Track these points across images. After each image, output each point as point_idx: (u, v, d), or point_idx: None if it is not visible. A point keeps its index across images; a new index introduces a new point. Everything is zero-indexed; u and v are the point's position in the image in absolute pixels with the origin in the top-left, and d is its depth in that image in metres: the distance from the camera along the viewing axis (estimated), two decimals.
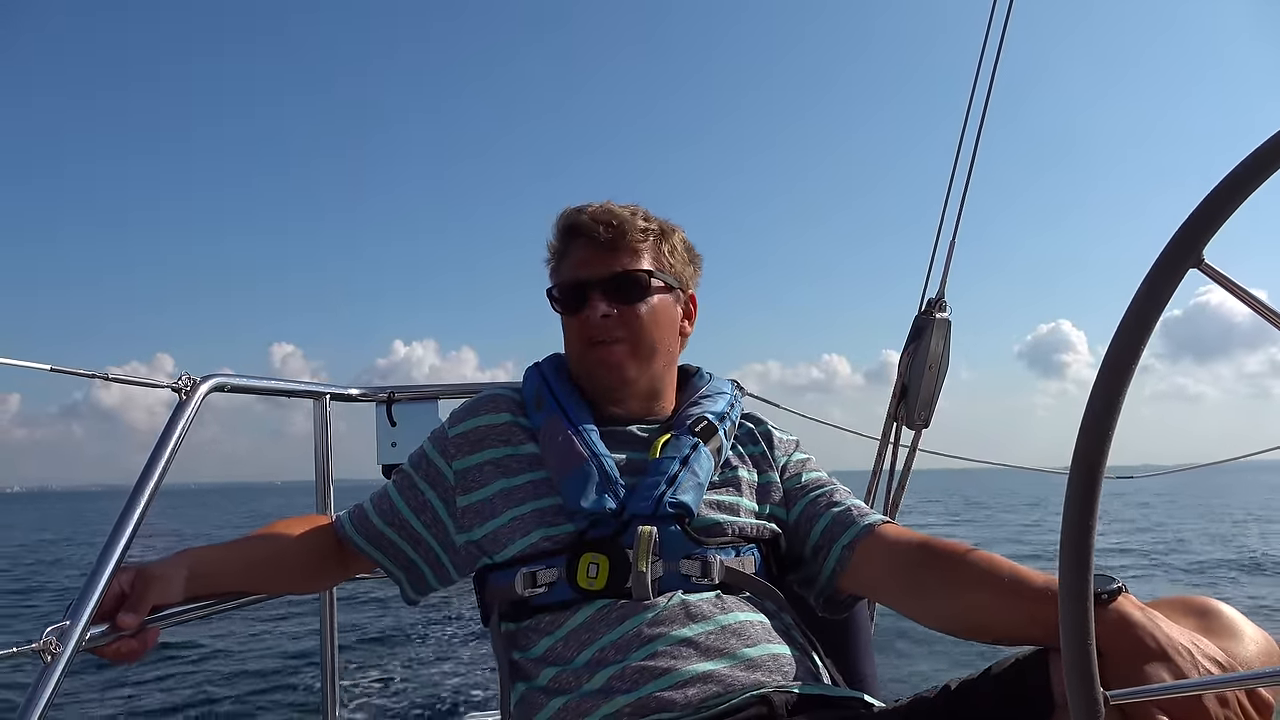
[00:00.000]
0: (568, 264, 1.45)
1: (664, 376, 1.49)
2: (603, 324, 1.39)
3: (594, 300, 1.40)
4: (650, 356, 1.44)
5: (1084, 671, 0.61)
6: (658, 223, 1.46)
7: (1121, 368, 0.59)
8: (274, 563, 1.44)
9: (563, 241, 1.47)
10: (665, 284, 1.45)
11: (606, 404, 1.46)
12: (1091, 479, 0.59)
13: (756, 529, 1.38)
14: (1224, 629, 0.99)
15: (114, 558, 1.13)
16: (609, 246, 1.42)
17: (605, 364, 1.41)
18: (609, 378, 1.42)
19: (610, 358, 1.41)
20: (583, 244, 1.43)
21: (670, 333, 1.46)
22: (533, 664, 1.27)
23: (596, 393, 1.46)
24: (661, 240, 1.46)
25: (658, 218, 1.47)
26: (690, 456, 1.35)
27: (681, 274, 1.49)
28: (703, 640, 1.21)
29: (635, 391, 1.45)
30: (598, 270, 1.41)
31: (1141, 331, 0.59)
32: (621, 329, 1.40)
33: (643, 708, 1.15)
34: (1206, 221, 0.58)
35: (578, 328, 1.42)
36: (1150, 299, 0.59)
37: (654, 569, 1.25)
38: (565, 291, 1.43)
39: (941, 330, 2.24)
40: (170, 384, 1.38)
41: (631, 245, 1.42)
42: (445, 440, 1.47)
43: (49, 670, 1.00)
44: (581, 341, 1.42)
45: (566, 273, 1.44)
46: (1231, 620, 1.00)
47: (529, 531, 1.32)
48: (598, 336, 1.40)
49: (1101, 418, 0.59)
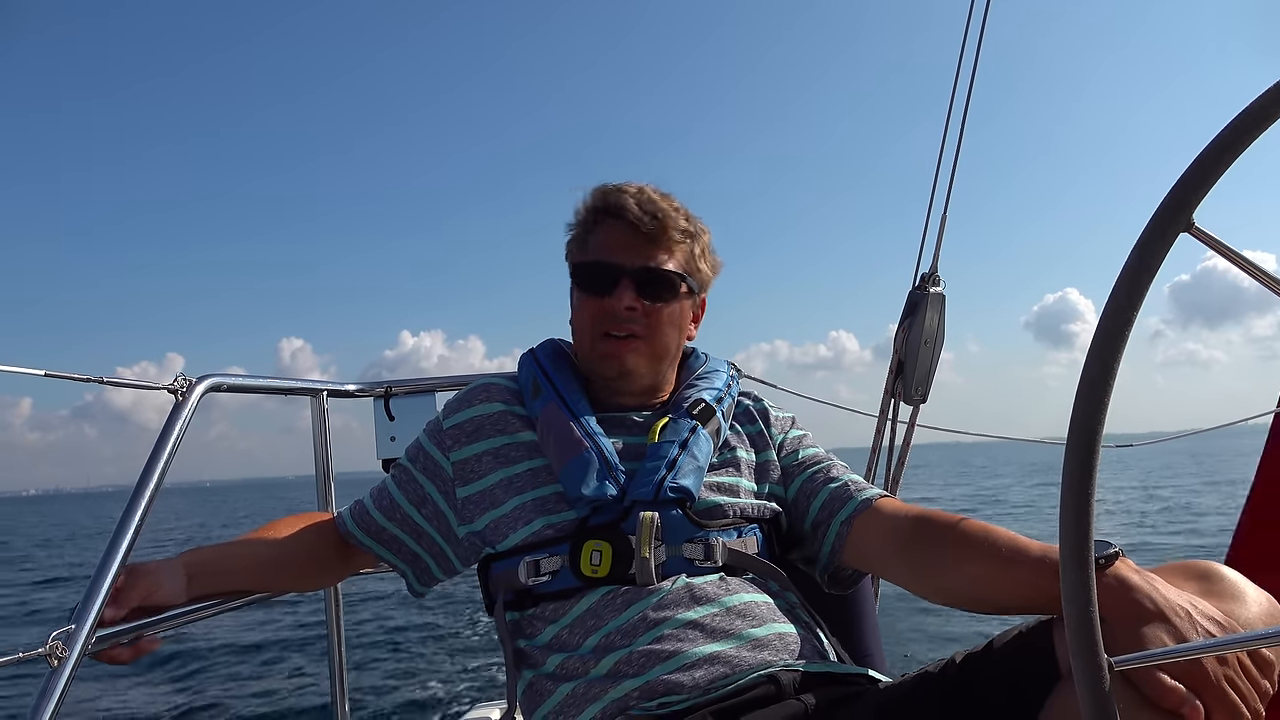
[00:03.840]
0: (598, 242, 1.41)
1: (666, 373, 1.49)
2: (625, 315, 1.38)
3: (623, 289, 1.37)
4: (661, 358, 1.44)
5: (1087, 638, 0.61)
6: (694, 223, 1.44)
7: (1115, 334, 0.59)
8: (275, 561, 1.44)
9: (596, 216, 1.43)
10: (689, 288, 1.44)
11: (604, 390, 1.46)
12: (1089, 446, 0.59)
13: (757, 509, 1.38)
14: (1226, 592, 0.99)
15: (116, 560, 1.13)
16: (647, 238, 1.39)
17: (615, 357, 1.40)
18: (615, 371, 1.41)
19: (621, 352, 1.39)
20: (621, 227, 1.39)
21: (681, 335, 1.46)
22: (539, 651, 1.28)
23: (596, 378, 1.46)
24: (694, 242, 1.44)
25: (693, 216, 1.45)
26: (689, 440, 1.35)
27: (704, 279, 1.48)
28: (708, 622, 1.21)
29: (637, 386, 1.45)
30: (633, 259, 1.38)
31: (1134, 297, 0.59)
32: (641, 325, 1.39)
33: (651, 691, 1.16)
34: (1195, 185, 0.58)
35: (596, 312, 1.39)
36: (1142, 264, 0.59)
37: (657, 554, 1.25)
38: (595, 271, 1.40)
39: (936, 305, 2.24)
40: (166, 386, 1.38)
41: (668, 242, 1.40)
42: (441, 432, 1.46)
43: (55, 675, 0.99)
44: (596, 327, 1.40)
45: (596, 251, 1.41)
46: (1234, 583, 1.00)
47: (530, 520, 1.32)
48: (615, 328, 1.38)
49: (1097, 384, 0.59)
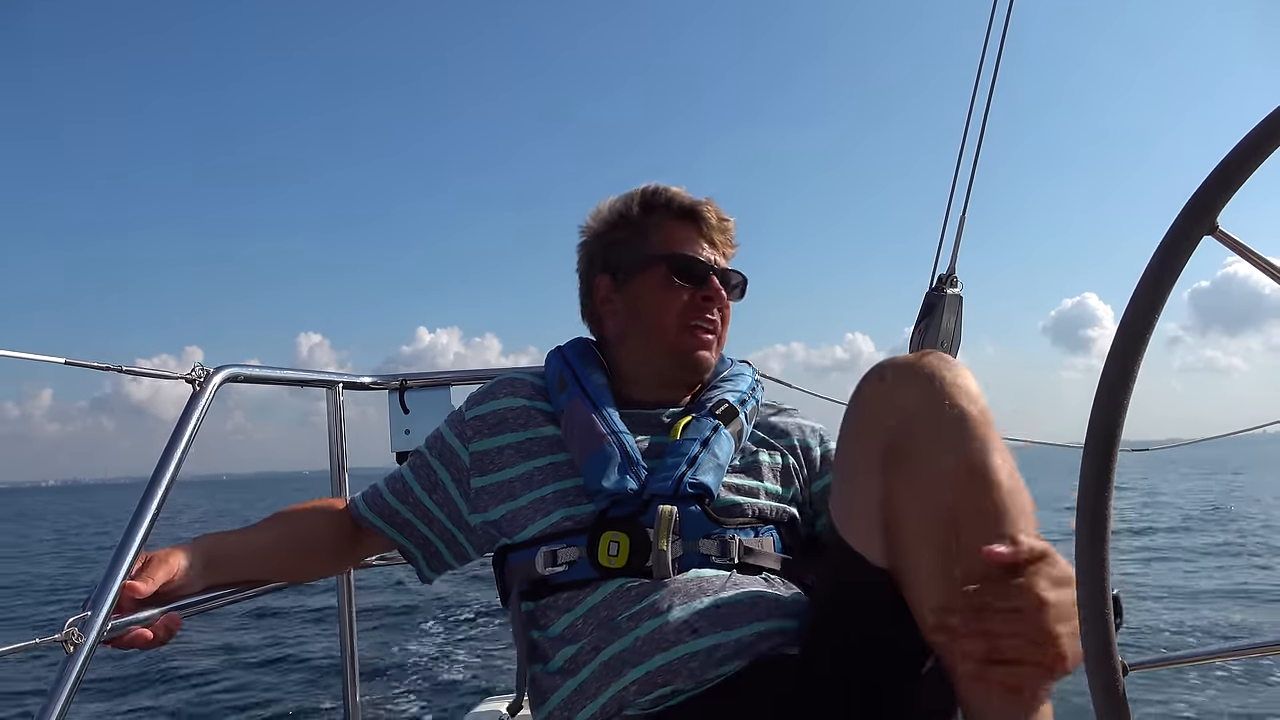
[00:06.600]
0: (675, 239, 1.47)
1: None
2: (714, 310, 1.45)
3: (717, 286, 1.45)
4: (719, 353, 1.51)
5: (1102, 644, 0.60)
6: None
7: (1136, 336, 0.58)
8: (289, 545, 1.46)
9: (664, 216, 1.49)
10: (744, 292, 1.53)
11: (631, 387, 1.48)
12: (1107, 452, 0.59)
13: (776, 511, 1.38)
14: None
15: (133, 548, 1.14)
16: (725, 242, 1.50)
17: (702, 349, 1.45)
18: (697, 364, 1.46)
19: (708, 345, 1.46)
20: (700, 229, 1.48)
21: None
22: (550, 643, 1.29)
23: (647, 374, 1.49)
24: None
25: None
26: (711, 439, 1.36)
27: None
28: (715, 615, 1.21)
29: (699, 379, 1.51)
30: (720, 259, 1.49)
31: (1156, 300, 0.58)
32: (719, 322, 1.47)
33: (650, 683, 1.17)
34: (1220, 187, 0.57)
35: (687, 304, 1.44)
36: (1164, 268, 0.58)
37: (674, 548, 1.26)
38: (690, 264, 1.45)
39: (953, 306, 2.23)
40: (184, 375, 1.39)
41: (732, 247, 1.52)
42: (462, 423, 1.48)
43: (71, 661, 1.00)
44: (685, 317, 1.44)
45: (680, 247, 1.46)
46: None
47: (550, 512, 1.33)
48: (706, 320, 1.45)
49: (1116, 388, 0.59)
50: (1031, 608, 0.88)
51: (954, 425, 0.99)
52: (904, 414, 1.02)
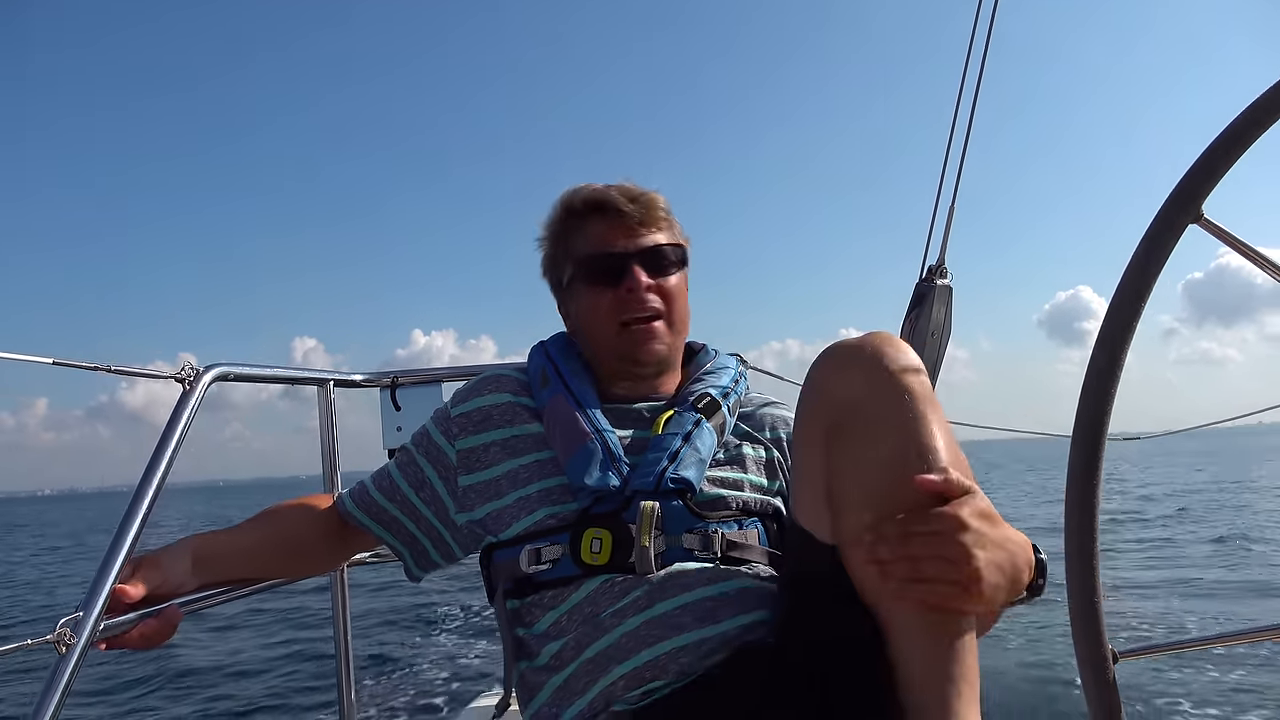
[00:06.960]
0: (588, 239, 1.43)
1: (680, 352, 1.51)
2: (643, 297, 1.40)
3: (635, 272, 1.40)
4: (681, 330, 1.47)
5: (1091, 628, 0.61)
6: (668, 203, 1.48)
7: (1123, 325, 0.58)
8: (275, 544, 1.45)
9: (577, 218, 1.45)
10: (684, 258, 1.48)
11: (612, 382, 1.47)
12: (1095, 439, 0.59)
13: (760, 503, 1.38)
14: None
15: (124, 549, 1.13)
16: (640, 222, 1.43)
17: (644, 341, 1.41)
18: (650, 355, 1.43)
19: (650, 334, 1.41)
20: (610, 219, 1.43)
21: (688, 306, 1.49)
22: (535, 640, 1.29)
23: (615, 370, 1.47)
24: (673, 218, 1.48)
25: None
26: (692, 433, 1.36)
27: (687, 251, 1.50)
28: (699, 609, 1.22)
29: (664, 365, 1.47)
30: (634, 243, 1.42)
31: (1142, 289, 0.58)
32: (660, 303, 1.42)
33: (638, 678, 1.17)
34: (1205, 176, 0.57)
35: (612, 303, 1.41)
36: (1150, 256, 0.58)
37: (656, 543, 1.26)
38: (602, 262, 1.42)
39: (943, 297, 2.23)
40: (173, 374, 1.38)
41: (657, 221, 1.44)
42: (448, 420, 1.47)
43: (64, 662, 1.00)
44: (614, 317, 1.41)
45: (592, 247, 1.43)
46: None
47: (534, 510, 1.33)
48: (637, 313, 1.40)
49: (1103, 375, 0.59)
50: (950, 530, 0.95)
51: (895, 400, 1.03)
52: (848, 392, 1.06)
